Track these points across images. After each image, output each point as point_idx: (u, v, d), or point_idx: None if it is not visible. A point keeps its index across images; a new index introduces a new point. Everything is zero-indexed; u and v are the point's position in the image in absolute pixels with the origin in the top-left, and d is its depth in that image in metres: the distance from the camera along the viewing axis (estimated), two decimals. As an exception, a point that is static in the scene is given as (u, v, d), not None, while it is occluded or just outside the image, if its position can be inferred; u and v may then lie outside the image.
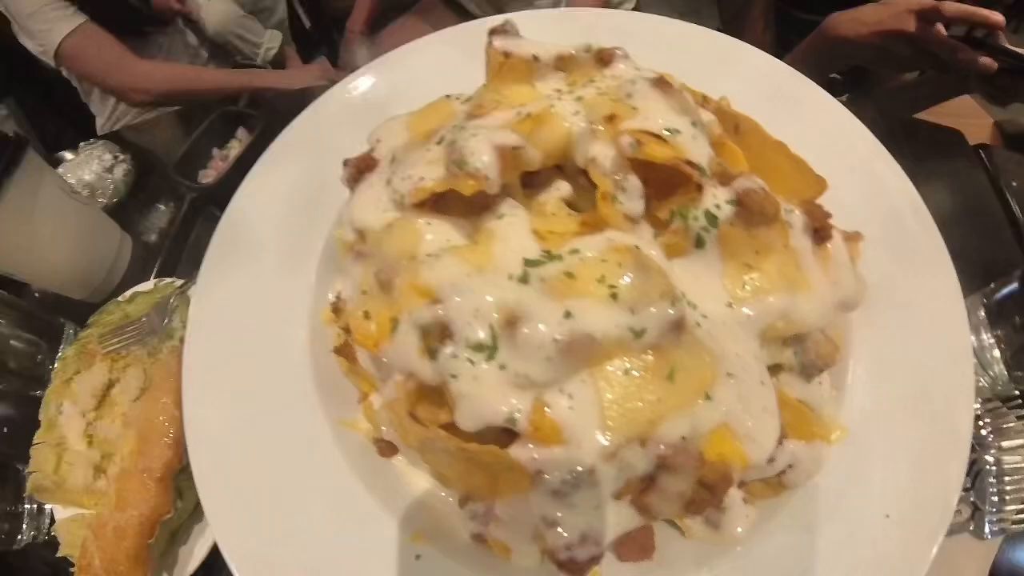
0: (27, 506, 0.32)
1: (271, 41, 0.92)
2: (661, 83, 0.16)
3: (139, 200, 0.42)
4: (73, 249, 0.37)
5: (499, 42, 0.18)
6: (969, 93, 0.57)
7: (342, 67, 1.02)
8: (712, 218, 0.14)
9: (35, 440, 0.33)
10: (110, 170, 0.43)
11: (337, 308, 0.17)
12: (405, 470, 0.17)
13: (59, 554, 0.29)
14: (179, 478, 0.26)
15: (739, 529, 0.16)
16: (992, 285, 0.31)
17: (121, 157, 0.44)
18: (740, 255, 0.15)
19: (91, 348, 0.35)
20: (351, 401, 0.19)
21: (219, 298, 0.20)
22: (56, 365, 0.35)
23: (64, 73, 0.78)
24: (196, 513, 0.27)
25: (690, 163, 0.14)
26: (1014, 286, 0.30)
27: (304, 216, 0.22)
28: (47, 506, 0.32)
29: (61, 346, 0.36)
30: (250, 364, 0.19)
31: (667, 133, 0.14)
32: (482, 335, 0.13)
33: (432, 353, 0.13)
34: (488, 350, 0.13)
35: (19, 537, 0.31)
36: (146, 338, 0.32)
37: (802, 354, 0.16)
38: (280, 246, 0.21)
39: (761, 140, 0.20)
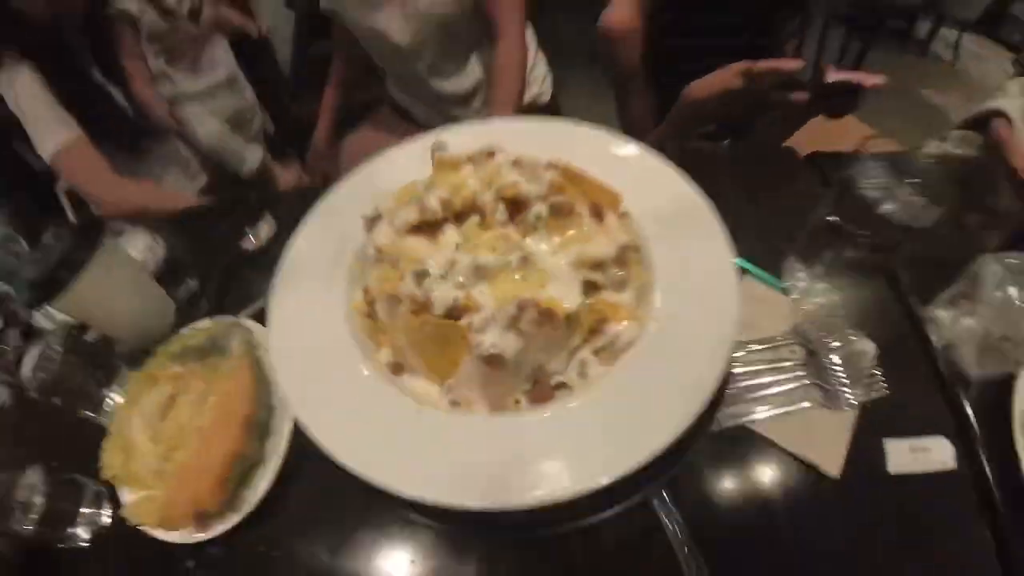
0: (83, 510, 0.44)
1: (253, 155, 1.20)
2: (516, 162, 0.38)
3: (176, 275, 0.60)
4: (135, 306, 0.53)
5: (437, 153, 0.41)
6: (814, 116, 0.82)
7: (310, 172, 1.31)
8: (539, 216, 0.36)
9: (103, 446, 0.45)
10: (151, 249, 0.62)
11: (366, 291, 0.37)
12: (409, 380, 0.36)
13: (131, 523, 0.41)
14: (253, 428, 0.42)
15: (593, 374, 0.34)
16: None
17: (158, 239, 0.63)
18: (557, 231, 0.36)
19: (155, 372, 0.48)
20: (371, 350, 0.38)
21: (290, 296, 0.39)
22: (123, 389, 0.48)
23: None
24: (259, 463, 0.42)
25: (523, 194, 0.36)
26: (810, 227, 0.49)
27: (334, 254, 0.42)
28: (103, 514, 0.44)
29: (115, 379, 0.50)
30: (311, 331, 0.38)
31: (512, 181, 0.36)
32: (441, 272, 0.33)
33: (419, 284, 0.33)
34: (444, 277, 0.33)
35: (77, 532, 0.43)
36: (207, 358, 0.47)
37: (610, 276, 0.36)
38: (323, 271, 0.41)
39: (586, 180, 0.42)
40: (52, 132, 0.83)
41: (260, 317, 0.49)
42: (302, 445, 0.39)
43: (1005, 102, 1.10)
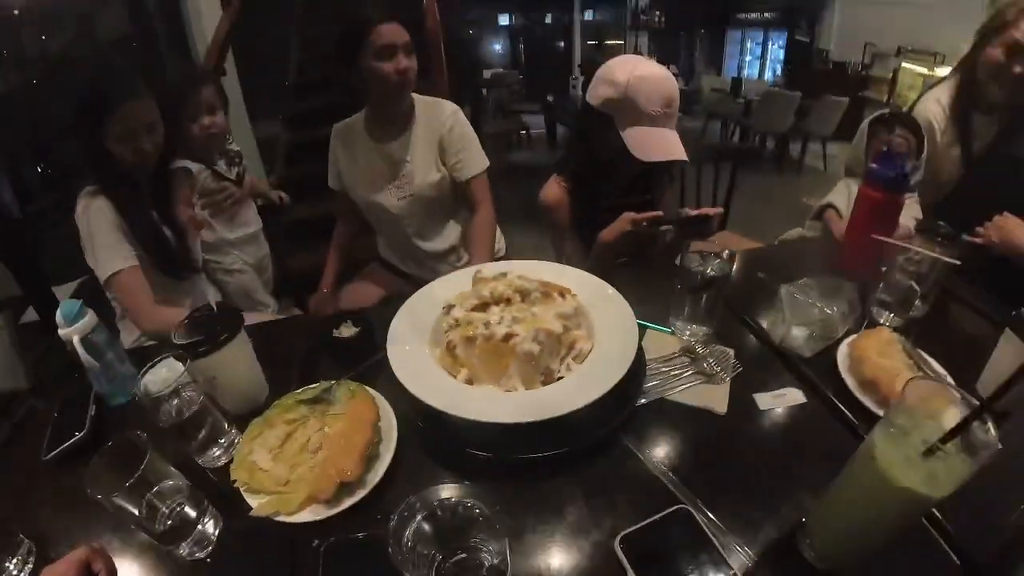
0: (200, 527, 0.61)
1: (272, 304, 1.63)
2: (520, 276, 0.88)
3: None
4: (248, 379, 0.79)
5: (475, 275, 0.91)
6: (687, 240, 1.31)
7: (312, 312, 1.76)
8: (535, 297, 0.85)
9: (231, 468, 0.65)
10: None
11: (448, 343, 0.81)
12: (478, 386, 0.78)
13: (256, 514, 0.61)
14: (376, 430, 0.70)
15: (574, 368, 0.78)
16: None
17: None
18: (545, 303, 0.86)
19: (272, 419, 0.71)
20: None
21: (397, 351, 0.80)
22: (244, 433, 0.70)
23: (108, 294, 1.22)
24: (376, 457, 0.68)
25: (525, 288, 0.85)
26: (676, 295, 0.94)
27: (416, 330, 0.87)
28: (216, 532, 0.62)
29: (233, 425, 0.74)
30: (416, 366, 0.79)
31: (519, 283, 0.86)
32: (497, 320, 0.79)
33: (487, 328, 0.77)
34: (499, 323, 0.78)
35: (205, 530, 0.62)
36: (316, 406, 0.73)
37: (573, 322, 0.84)
38: (413, 337, 0.85)
39: (552, 283, 0.93)
40: (113, 257, 1.11)
41: (357, 378, 0.86)
42: (403, 449, 0.74)
43: (834, 197, 1.90)
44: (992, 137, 1.56)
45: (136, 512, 0.55)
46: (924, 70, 6.20)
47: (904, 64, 6.55)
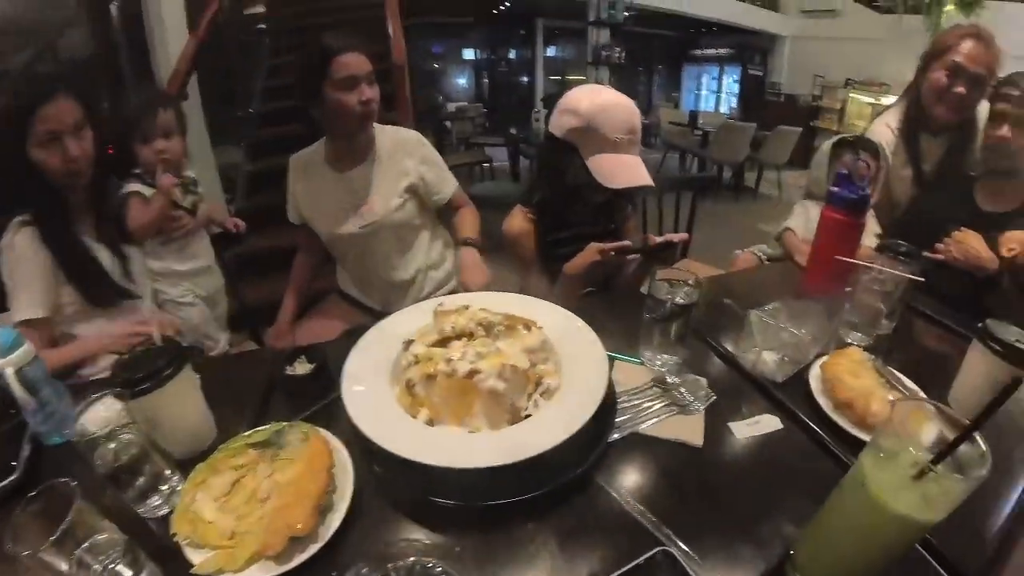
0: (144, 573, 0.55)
1: (223, 338, 1.55)
2: (483, 309, 0.85)
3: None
4: (193, 421, 0.73)
5: (436, 308, 0.87)
6: (653, 267, 1.15)
7: (270, 346, 1.68)
8: (499, 330, 0.82)
9: (172, 519, 0.59)
10: None
11: (408, 381, 0.76)
12: (439, 428, 0.74)
13: (198, 572, 0.55)
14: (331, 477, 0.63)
15: (541, 405, 0.75)
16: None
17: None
18: (510, 336, 0.82)
19: (218, 464, 0.65)
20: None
21: (353, 390, 0.75)
22: (187, 480, 0.64)
23: None
24: (330, 508, 0.62)
25: (489, 321, 0.82)
26: (643, 325, 0.93)
27: (373, 367, 0.81)
28: None
29: (175, 471, 0.68)
30: (374, 407, 0.74)
31: (482, 315, 0.83)
32: (459, 356, 0.75)
33: (448, 364, 0.73)
34: (460, 359, 0.74)
35: None
36: (265, 449, 0.67)
37: (539, 356, 0.81)
38: (369, 375, 0.80)
39: (516, 315, 0.90)
40: (26, 305, 1.05)
41: (311, 419, 0.76)
42: (360, 497, 0.67)
43: (791, 221, 1.95)
44: (941, 156, 1.65)
45: (64, 568, 0.50)
46: (871, 99, 6.68)
47: (852, 95, 7.04)
